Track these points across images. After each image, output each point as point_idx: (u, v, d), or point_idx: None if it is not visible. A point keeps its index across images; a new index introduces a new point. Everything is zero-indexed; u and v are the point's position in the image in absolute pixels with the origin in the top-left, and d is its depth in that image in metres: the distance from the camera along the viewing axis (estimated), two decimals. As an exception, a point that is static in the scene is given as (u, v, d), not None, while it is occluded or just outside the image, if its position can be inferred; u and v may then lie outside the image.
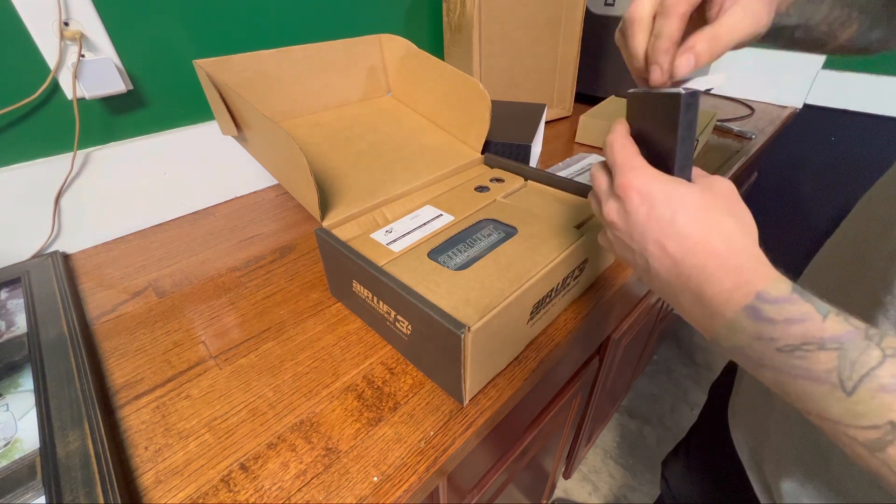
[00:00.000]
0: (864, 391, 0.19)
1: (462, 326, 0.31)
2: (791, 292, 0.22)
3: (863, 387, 0.19)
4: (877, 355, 0.19)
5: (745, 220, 0.26)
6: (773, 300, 0.22)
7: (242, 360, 0.42)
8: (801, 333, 0.21)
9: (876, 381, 0.19)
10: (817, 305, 0.22)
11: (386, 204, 0.48)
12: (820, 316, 0.21)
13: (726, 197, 0.26)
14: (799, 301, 0.22)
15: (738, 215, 0.26)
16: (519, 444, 0.58)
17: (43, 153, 0.53)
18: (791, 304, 0.22)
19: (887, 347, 0.19)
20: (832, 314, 0.21)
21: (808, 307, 0.22)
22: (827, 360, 0.20)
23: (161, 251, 0.58)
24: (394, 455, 0.34)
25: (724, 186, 0.27)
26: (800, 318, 0.22)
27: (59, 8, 0.48)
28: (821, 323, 0.21)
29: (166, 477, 0.33)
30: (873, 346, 0.20)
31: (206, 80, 0.51)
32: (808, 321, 0.21)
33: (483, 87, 0.54)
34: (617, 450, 1.27)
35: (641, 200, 0.27)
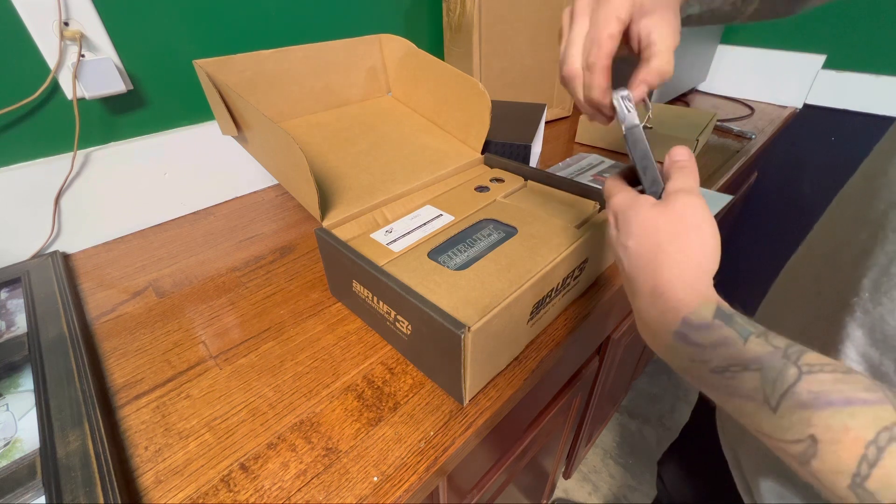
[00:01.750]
0: (786, 408, 0.20)
1: (462, 326, 0.31)
2: (713, 318, 0.24)
3: (784, 403, 0.21)
4: (793, 373, 0.21)
5: (690, 244, 0.26)
6: (697, 326, 0.24)
7: (242, 360, 0.42)
8: (726, 356, 0.23)
9: (795, 397, 0.20)
10: (739, 329, 0.23)
11: (386, 204, 0.48)
12: (741, 339, 0.23)
13: (679, 219, 0.27)
14: (721, 327, 0.24)
15: (682, 239, 0.27)
16: (519, 444, 0.58)
17: (43, 153, 0.53)
18: (714, 329, 0.24)
19: (804, 364, 0.21)
20: (753, 336, 0.23)
21: (729, 332, 0.23)
22: (751, 379, 0.22)
23: (161, 251, 0.58)
24: (394, 455, 0.34)
25: (681, 206, 0.27)
26: (723, 342, 0.23)
27: (59, 8, 0.48)
28: (742, 346, 0.23)
29: (166, 477, 0.33)
30: (790, 365, 0.21)
31: (206, 80, 0.51)
32: (731, 345, 0.23)
33: (483, 87, 0.54)
34: (617, 450, 1.27)
35: (613, 221, 0.31)
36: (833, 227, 0.35)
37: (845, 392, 0.19)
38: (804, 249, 0.40)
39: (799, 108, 1.08)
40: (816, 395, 0.20)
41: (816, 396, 0.20)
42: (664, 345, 0.27)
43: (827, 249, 0.34)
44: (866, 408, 0.18)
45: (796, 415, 0.20)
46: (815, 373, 0.20)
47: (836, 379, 0.20)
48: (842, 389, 0.19)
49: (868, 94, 0.98)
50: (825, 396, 0.19)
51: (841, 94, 1.02)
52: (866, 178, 0.32)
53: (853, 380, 0.20)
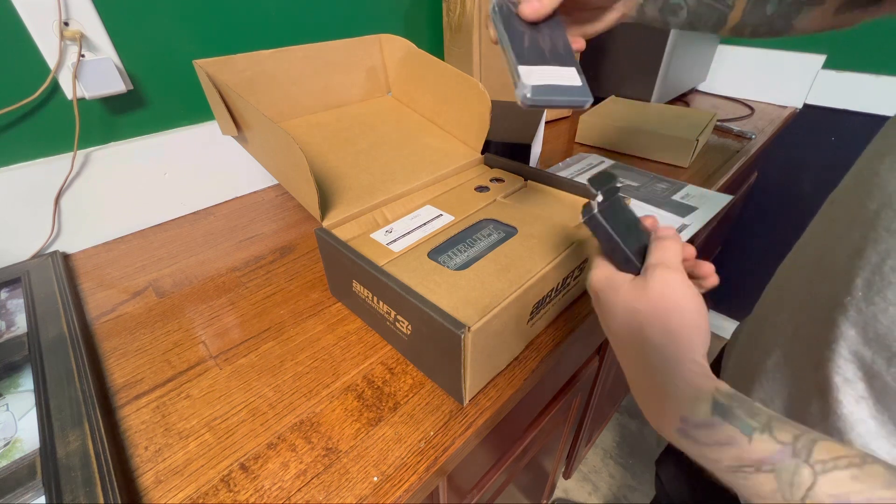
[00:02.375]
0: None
1: (462, 326, 0.31)
2: (712, 415, 0.23)
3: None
4: (808, 475, 0.20)
5: (670, 325, 0.25)
6: (696, 425, 0.23)
7: (242, 360, 0.42)
8: (734, 457, 0.22)
9: (817, 501, 0.19)
10: (741, 425, 0.22)
11: (386, 204, 0.48)
12: (745, 438, 0.22)
13: (658, 298, 0.26)
14: (721, 424, 0.22)
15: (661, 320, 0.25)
16: (519, 444, 0.58)
17: (43, 153, 0.53)
18: (714, 427, 0.23)
19: (816, 462, 0.20)
20: (756, 433, 0.21)
21: (731, 430, 0.22)
22: (767, 481, 0.21)
23: (161, 251, 0.58)
24: (394, 455, 0.34)
25: (658, 284, 0.26)
26: (727, 441, 0.22)
27: (59, 8, 0.48)
28: (748, 445, 0.21)
29: (166, 477, 0.33)
30: (802, 465, 0.20)
31: (206, 80, 0.51)
32: (736, 445, 0.22)
33: (483, 87, 0.54)
34: (617, 450, 1.27)
35: (594, 298, 0.31)
36: (825, 227, 0.35)
37: (865, 493, 0.19)
38: (797, 251, 0.40)
39: (799, 108, 1.08)
40: (837, 497, 0.19)
41: (838, 501, 0.19)
42: (671, 439, 0.25)
43: (819, 250, 0.34)
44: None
45: None
46: (829, 472, 0.20)
47: (853, 476, 0.19)
48: (861, 490, 0.19)
49: (868, 94, 0.98)
50: (846, 500, 0.19)
51: (841, 94, 1.02)
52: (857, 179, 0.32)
53: (871, 474, 0.19)
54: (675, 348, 0.25)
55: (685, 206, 0.66)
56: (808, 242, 0.38)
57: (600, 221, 0.29)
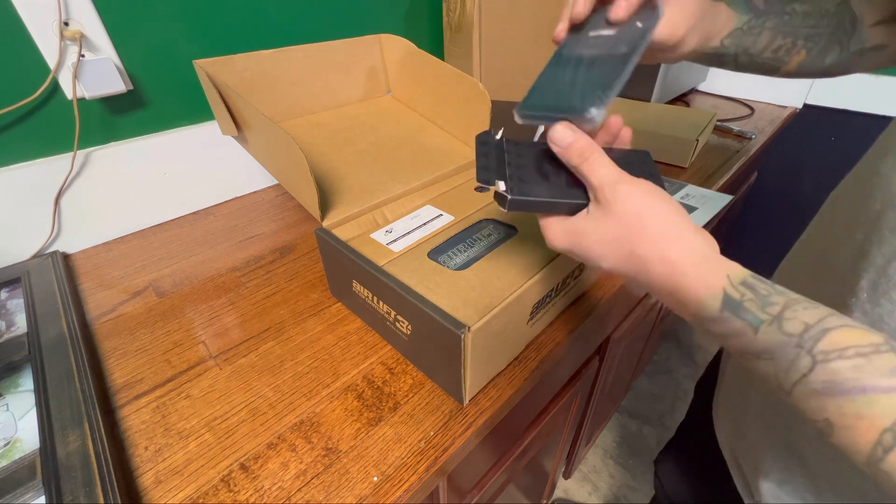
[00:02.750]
0: (799, 394, 0.21)
1: (462, 326, 0.31)
2: (721, 311, 0.23)
3: (797, 390, 0.21)
4: (806, 363, 0.20)
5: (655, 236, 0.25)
6: (707, 319, 0.24)
7: (242, 360, 0.42)
8: (739, 346, 0.23)
9: (807, 386, 0.20)
10: (750, 319, 0.22)
11: (386, 204, 0.48)
12: (752, 329, 0.22)
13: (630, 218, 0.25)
14: (730, 319, 0.23)
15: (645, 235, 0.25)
16: (519, 444, 0.58)
17: (43, 153, 0.53)
18: (723, 322, 0.23)
19: (819, 352, 0.20)
20: (764, 325, 0.22)
21: (739, 323, 0.23)
22: (764, 367, 0.22)
23: (161, 251, 0.58)
24: (394, 455, 0.34)
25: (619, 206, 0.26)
26: (734, 334, 0.23)
27: (59, 8, 0.48)
28: (753, 336, 0.22)
29: (166, 477, 0.33)
30: (804, 354, 0.21)
31: (206, 80, 0.51)
32: (742, 336, 0.23)
33: (483, 87, 0.54)
34: (617, 450, 1.27)
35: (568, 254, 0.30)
36: (826, 227, 0.35)
37: (862, 380, 0.19)
38: (797, 251, 0.40)
39: (799, 108, 1.08)
40: (829, 384, 0.20)
41: (829, 386, 0.20)
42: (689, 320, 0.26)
43: (821, 251, 0.34)
44: (886, 396, 0.18)
45: (810, 401, 0.20)
46: (830, 361, 0.20)
47: (855, 366, 0.19)
48: (858, 377, 0.19)
49: (868, 94, 0.98)
50: (839, 386, 0.19)
51: (841, 94, 1.02)
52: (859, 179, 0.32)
53: (875, 364, 0.19)
54: (670, 255, 0.24)
55: (685, 206, 0.66)
56: (809, 243, 0.38)
57: (523, 200, 0.28)
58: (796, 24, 0.36)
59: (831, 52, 0.36)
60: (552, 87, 0.30)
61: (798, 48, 0.36)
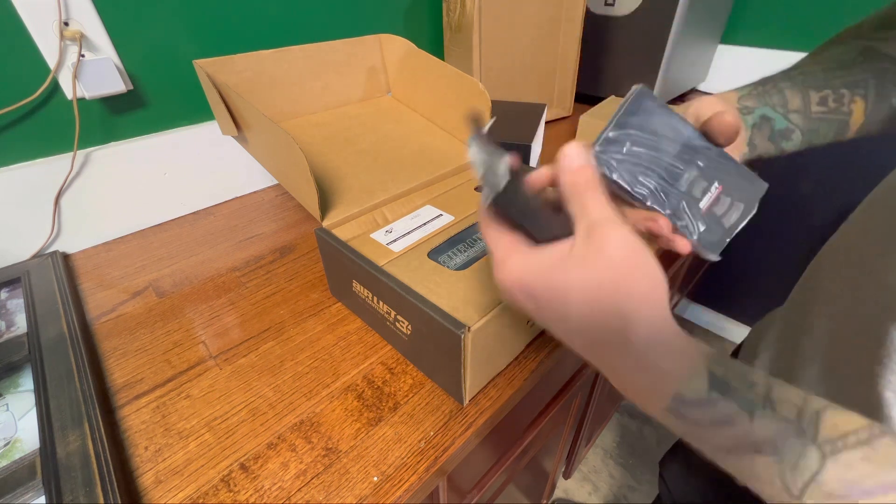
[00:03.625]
0: (811, 496, 0.18)
1: (462, 326, 0.31)
2: (709, 391, 0.20)
3: (809, 493, 0.18)
4: (816, 458, 0.18)
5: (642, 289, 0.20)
6: (691, 402, 0.20)
7: (242, 360, 0.42)
8: (731, 436, 0.20)
9: (821, 488, 0.18)
10: (740, 401, 0.19)
11: (386, 204, 0.48)
12: (746, 415, 0.19)
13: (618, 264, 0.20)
14: (720, 401, 0.20)
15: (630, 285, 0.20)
16: (519, 444, 0.58)
17: (43, 153, 0.53)
18: (712, 405, 0.20)
19: (824, 443, 0.18)
20: (758, 409, 0.19)
21: (730, 407, 0.19)
22: (766, 464, 0.19)
23: (161, 251, 0.58)
24: (394, 455, 0.34)
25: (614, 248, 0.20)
26: (725, 419, 0.20)
27: (58, 8, 0.48)
28: (749, 424, 0.19)
29: (166, 477, 0.33)
30: (810, 446, 0.18)
31: (206, 80, 0.51)
32: (735, 424, 0.19)
33: (483, 87, 0.54)
34: (617, 450, 1.27)
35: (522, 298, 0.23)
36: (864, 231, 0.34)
37: (879, 476, 0.17)
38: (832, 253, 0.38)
39: (799, 108, 1.08)
40: (847, 483, 0.17)
41: (847, 486, 0.17)
42: (656, 415, 0.22)
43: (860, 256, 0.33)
44: None
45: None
46: (839, 452, 0.18)
47: (864, 458, 0.17)
48: (875, 473, 0.17)
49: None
50: (858, 486, 0.17)
51: (841, 94, 1.02)
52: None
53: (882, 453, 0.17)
54: (656, 315, 0.20)
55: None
56: (847, 246, 0.36)
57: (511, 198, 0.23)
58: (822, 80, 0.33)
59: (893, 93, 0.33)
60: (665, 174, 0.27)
61: (848, 98, 0.33)
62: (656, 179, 0.27)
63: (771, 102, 0.33)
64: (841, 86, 0.33)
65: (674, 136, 0.27)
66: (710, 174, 0.28)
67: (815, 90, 0.33)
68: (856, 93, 0.33)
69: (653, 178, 0.27)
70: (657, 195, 0.27)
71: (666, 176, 0.27)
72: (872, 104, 0.34)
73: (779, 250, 1.28)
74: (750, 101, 0.33)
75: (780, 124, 0.33)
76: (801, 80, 0.33)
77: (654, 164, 0.27)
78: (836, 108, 0.33)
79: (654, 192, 0.27)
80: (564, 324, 0.22)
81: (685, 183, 0.27)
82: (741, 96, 0.33)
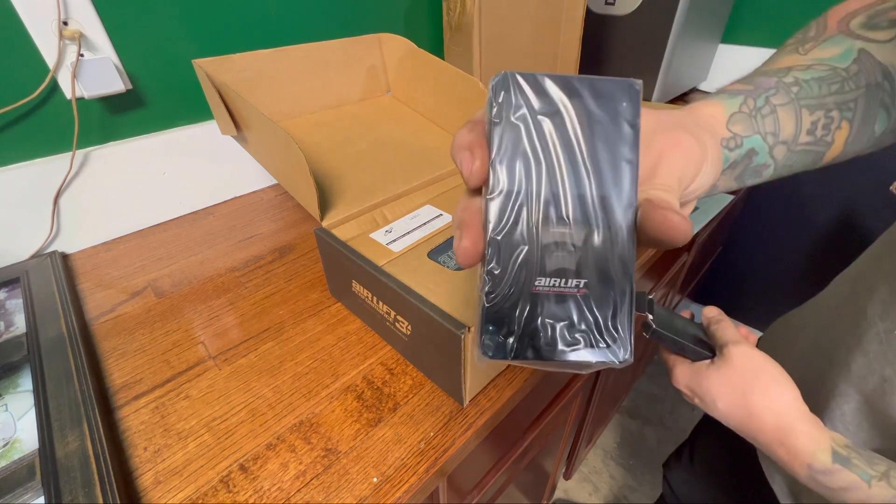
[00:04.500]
0: None
1: (462, 327, 0.31)
2: (832, 462, 0.26)
3: None
4: None
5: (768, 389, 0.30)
6: (821, 471, 0.27)
7: (242, 361, 0.42)
8: (854, 498, 0.26)
9: None
10: (860, 473, 0.25)
11: (386, 204, 0.48)
12: (865, 484, 0.25)
13: (744, 371, 0.31)
14: (842, 471, 0.26)
15: (758, 386, 0.30)
16: (519, 444, 0.58)
17: (42, 153, 0.53)
18: (837, 474, 0.26)
19: None
20: (875, 480, 0.25)
21: (852, 476, 0.26)
22: None
23: (160, 251, 0.58)
24: (393, 456, 0.34)
25: (737, 360, 0.31)
26: (850, 486, 0.26)
27: (58, 7, 0.48)
28: (867, 490, 0.25)
29: (165, 477, 0.33)
30: None
31: (206, 79, 0.51)
32: (858, 489, 0.25)
33: (483, 87, 0.53)
34: (617, 450, 1.27)
35: (688, 394, 0.36)
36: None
37: None
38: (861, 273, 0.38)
39: (799, 107, 1.07)
40: None
41: None
42: (799, 479, 0.29)
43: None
44: None
45: None
46: None
47: None
48: None
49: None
50: None
51: (842, 94, 1.01)
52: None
53: None
54: (781, 407, 0.29)
55: (686, 205, 0.65)
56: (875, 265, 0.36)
57: (664, 334, 0.33)
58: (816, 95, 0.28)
59: (877, 117, 0.29)
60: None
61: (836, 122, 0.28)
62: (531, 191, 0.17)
63: (763, 129, 0.26)
64: (833, 105, 0.28)
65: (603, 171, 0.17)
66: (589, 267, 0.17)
67: (809, 110, 0.27)
68: (844, 116, 0.29)
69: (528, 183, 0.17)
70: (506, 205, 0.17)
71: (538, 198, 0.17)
72: (856, 131, 0.29)
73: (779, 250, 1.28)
74: (740, 125, 0.25)
75: (760, 160, 0.27)
76: (797, 92, 0.27)
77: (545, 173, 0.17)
78: (821, 137, 0.28)
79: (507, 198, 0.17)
80: (717, 413, 0.33)
81: (550, 234, 0.17)
82: (731, 115, 0.25)
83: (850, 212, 1.10)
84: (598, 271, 0.17)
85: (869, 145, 0.30)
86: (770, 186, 1.21)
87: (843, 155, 0.30)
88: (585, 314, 0.17)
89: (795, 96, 0.27)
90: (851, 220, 1.10)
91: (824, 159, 0.29)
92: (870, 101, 0.28)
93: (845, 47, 0.29)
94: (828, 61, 0.28)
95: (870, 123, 0.29)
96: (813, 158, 0.29)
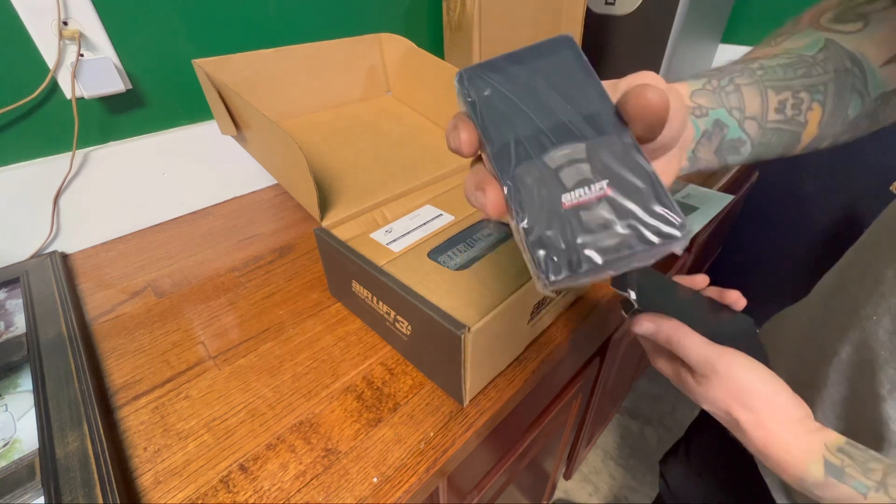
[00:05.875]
0: None
1: (462, 327, 0.31)
2: (825, 476, 0.25)
3: None
4: None
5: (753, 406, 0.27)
6: (813, 484, 0.25)
7: (241, 361, 0.42)
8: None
9: None
10: (855, 485, 0.24)
11: (386, 204, 0.48)
12: (861, 496, 0.24)
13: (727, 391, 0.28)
14: (836, 485, 0.25)
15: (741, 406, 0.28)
16: (519, 444, 0.58)
17: (42, 153, 0.53)
18: (831, 488, 0.25)
19: None
20: (871, 492, 0.24)
21: (846, 490, 0.24)
22: None
23: (160, 251, 0.58)
24: (393, 456, 0.34)
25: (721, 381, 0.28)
26: (844, 497, 0.25)
27: (58, 7, 0.48)
28: (864, 501, 0.24)
29: (165, 477, 0.33)
30: None
31: (206, 79, 0.51)
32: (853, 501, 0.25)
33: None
34: (617, 451, 1.27)
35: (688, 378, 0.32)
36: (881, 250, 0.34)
37: None
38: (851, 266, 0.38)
39: (800, 107, 1.07)
40: None
41: None
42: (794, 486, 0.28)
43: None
44: None
45: None
46: None
47: None
48: None
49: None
50: None
51: (842, 94, 1.01)
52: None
53: None
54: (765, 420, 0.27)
55: (686, 206, 0.65)
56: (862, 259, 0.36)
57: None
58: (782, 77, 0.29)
59: (850, 101, 0.30)
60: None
61: (807, 104, 0.29)
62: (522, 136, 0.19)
63: (728, 104, 0.27)
64: (801, 87, 0.29)
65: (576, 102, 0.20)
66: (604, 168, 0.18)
67: (775, 91, 0.29)
68: (815, 98, 0.29)
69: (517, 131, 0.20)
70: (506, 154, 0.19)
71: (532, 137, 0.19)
72: (829, 114, 0.30)
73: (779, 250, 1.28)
74: (704, 98, 0.27)
75: (733, 134, 0.28)
76: (761, 75, 0.28)
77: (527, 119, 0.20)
78: (792, 116, 0.29)
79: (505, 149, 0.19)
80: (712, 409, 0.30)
81: (556, 159, 0.19)
82: (694, 91, 0.27)
83: (851, 212, 1.10)
84: (611, 168, 0.18)
85: (845, 129, 0.32)
86: (770, 186, 1.21)
87: (821, 138, 0.32)
88: (623, 208, 0.18)
89: (760, 78, 0.28)
90: (851, 221, 1.10)
91: (802, 140, 0.31)
92: (841, 85, 0.30)
93: (813, 38, 0.30)
94: (795, 51, 0.30)
95: (843, 107, 0.30)
96: (789, 138, 0.30)
